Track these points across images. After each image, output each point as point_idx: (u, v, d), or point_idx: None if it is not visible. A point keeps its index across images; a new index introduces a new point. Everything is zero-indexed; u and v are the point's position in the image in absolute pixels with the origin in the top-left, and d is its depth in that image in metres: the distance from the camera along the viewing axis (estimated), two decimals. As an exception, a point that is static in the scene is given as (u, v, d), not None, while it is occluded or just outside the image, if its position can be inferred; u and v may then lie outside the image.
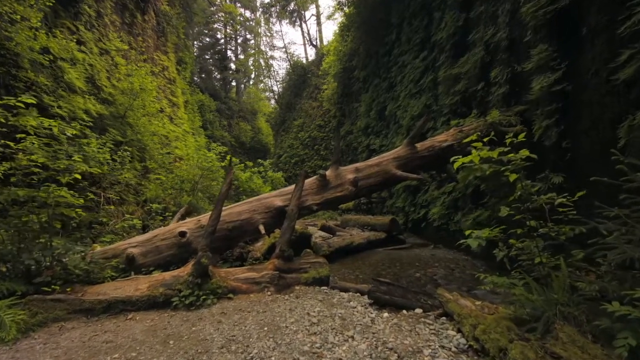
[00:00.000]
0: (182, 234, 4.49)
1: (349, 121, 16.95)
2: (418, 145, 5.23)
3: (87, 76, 8.46)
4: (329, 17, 30.17)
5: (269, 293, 3.84)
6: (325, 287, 4.04)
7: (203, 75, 35.77)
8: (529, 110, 4.88)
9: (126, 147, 7.84)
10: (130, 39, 11.84)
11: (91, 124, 7.45)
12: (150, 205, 6.96)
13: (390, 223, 8.05)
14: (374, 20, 13.40)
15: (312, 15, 33.91)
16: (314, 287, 4.01)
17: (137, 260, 4.17)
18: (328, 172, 5.10)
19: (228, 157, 10.46)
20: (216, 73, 37.86)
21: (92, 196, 6.28)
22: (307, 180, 4.99)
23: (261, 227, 4.60)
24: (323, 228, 8.54)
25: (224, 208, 4.69)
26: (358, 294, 3.78)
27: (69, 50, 7.89)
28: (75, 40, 8.42)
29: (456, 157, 2.99)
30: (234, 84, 40.93)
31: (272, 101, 40.99)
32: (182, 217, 6.04)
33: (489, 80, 5.96)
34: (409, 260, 5.87)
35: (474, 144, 2.96)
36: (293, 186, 4.79)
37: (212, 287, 3.69)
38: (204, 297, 3.58)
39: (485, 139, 3.20)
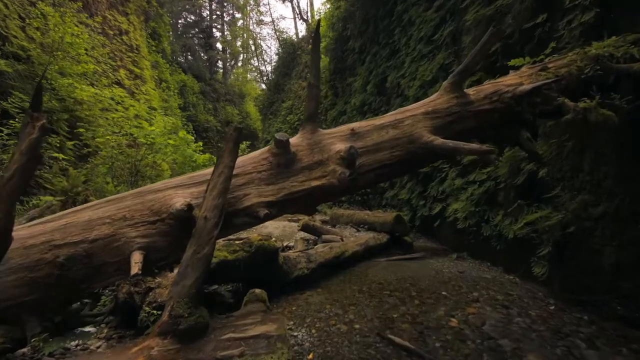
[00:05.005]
0: None
1: (342, 100, 14.77)
2: (470, 91, 2.69)
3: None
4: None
5: None
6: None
7: (189, 56, 33.02)
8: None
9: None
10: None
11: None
12: (40, 198, 4.77)
13: (394, 221, 6.05)
14: (373, -26, 11.14)
15: (304, -11, 31.16)
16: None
17: None
18: (295, 139, 2.45)
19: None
20: (201, 53, 35.17)
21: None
22: (250, 155, 2.33)
23: (136, 256, 1.83)
24: (305, 228, 6.51)
25: (59, 215, 2.08)
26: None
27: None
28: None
29: None
30: (220, 65, 38.23)
31: (262, 85, 38.44)
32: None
33: (554, 9, 3.88)
34: (429, 284, 3.86)
35: None
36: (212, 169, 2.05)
37: None
38: None
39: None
